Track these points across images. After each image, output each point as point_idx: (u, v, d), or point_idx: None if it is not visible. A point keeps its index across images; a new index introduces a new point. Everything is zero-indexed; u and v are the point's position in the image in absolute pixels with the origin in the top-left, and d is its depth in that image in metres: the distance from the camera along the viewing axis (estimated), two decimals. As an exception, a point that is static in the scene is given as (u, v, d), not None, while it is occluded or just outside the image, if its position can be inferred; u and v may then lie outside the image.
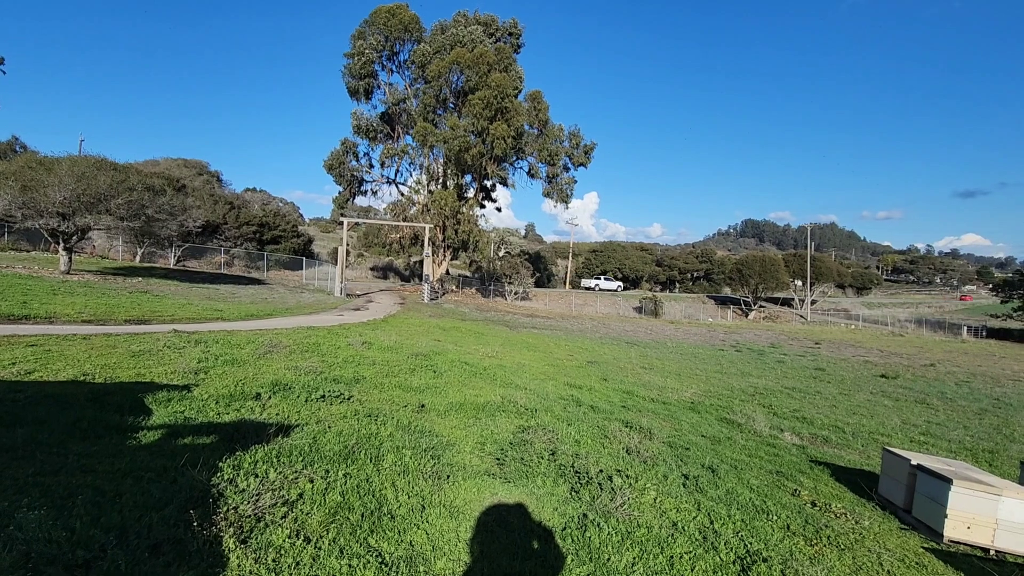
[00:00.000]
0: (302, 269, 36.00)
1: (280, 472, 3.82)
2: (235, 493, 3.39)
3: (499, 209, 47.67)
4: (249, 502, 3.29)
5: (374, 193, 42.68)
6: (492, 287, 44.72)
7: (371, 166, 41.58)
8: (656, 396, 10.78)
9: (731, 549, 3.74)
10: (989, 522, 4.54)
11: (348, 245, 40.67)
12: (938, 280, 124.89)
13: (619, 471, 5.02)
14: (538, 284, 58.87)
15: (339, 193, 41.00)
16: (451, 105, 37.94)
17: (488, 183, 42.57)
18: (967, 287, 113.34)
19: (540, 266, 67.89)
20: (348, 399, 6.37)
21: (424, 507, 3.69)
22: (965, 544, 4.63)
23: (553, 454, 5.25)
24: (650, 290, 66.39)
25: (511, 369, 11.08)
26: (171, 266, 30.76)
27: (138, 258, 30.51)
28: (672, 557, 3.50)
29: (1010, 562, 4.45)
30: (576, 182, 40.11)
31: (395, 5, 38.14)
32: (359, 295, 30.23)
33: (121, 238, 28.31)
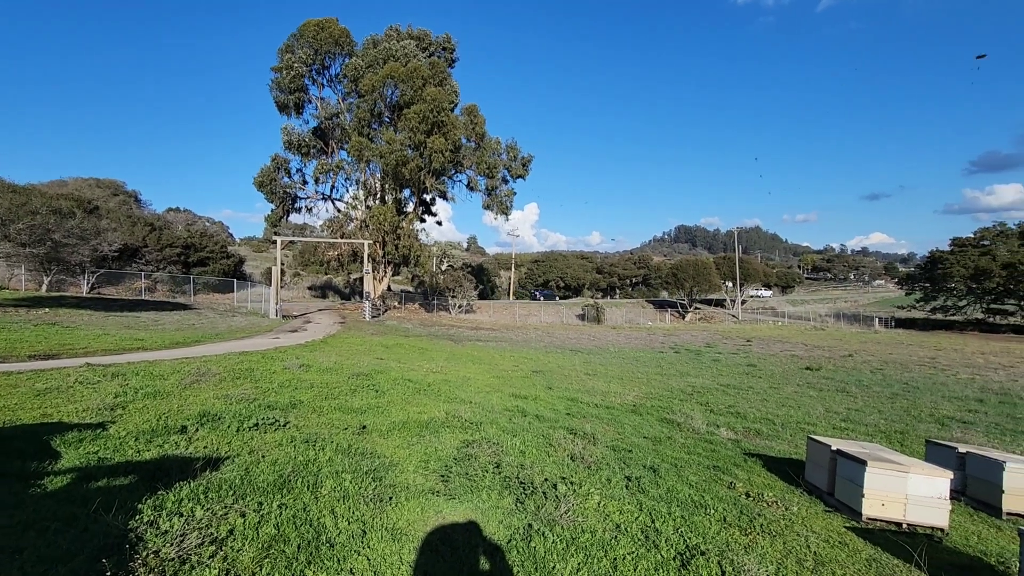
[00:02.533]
0: (233, 291, 34.30)
1: (208, 509, 3.60)
2: (156, 536, 3.16)
3: (440, 223, 47.42)
4: (173, 544, 3.08)
5: (309, 210, 41.35)
6: (436, 301, 44.26)
7: (305, 182, 40.31)
8: (600, 401, 11.00)
9: (671, 546, 3.86)
10: (900, 498, 4.93)
11: (283, 264, 39.13)
12: (852, 276, 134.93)
13: (563, 478, 5.08)
14: (482, 296, 58.89)
15: (271, 211, 39.39)
16: (386, 119, 37.51)
17: (427, 197, 42.27)
18: (877, 282, 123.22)
19: (483, 278, 68.02)
20: (284, 425, 6.10)
21: (365, 532, 3.58)
22: (881, 520, 5.00)
23: (498, 466, 5.24)
24: (592, 297, 67.89)
25: (456, 383, 10.98)
26: (84, 294, 28.43)
27: (44, 287, 28.00)
28: (616, 559, 3.56)
29: (919, 533, 4.85)
30: (515, 194, 40.55)
31: (325, 19, 37.44)
32: (296, 316, 29.10)
33: (24, 266, 25.93)
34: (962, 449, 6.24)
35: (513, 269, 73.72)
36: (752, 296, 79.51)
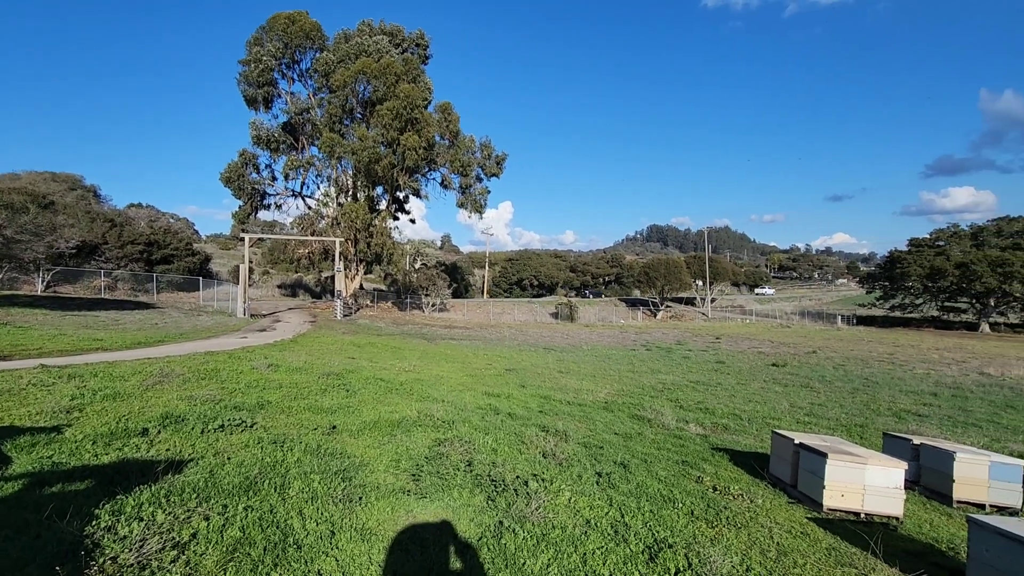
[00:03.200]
0: (199, 290, 33.35)
1: (170, 512, 3.50)
2: (114, 541, 3.06)
3: (413, 221, 47.13)
4: (132, 549, 2.99)
5: (278, 207, 40.52)
6: (409, 300, 43.91)
7: (274, 179, 39.48)
8: (572, 399, 11.09)
9: (640, 539, 3.93)
10: (858, 489, 5.11)
11: (251, 262, 38.28)
12: (816, 275, 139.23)
13: (535, 475, 5.11)
14: (456, 295, 58.70)
15: (239, 207, 38.45)
16: (358, 115, 37.01)
17: (401, 194, 41.92)
18: (840, 280, 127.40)
19: (457, 276, 67.80)
20: (251, 426, 5.97)
21: (334, 533, 3.54)
22: (841, 511, 5.18)
23: (470, 465, 5.24)
24: (565, 295, 68.32)
25: (428, 382, 10.93)
26: (39, 293, 27.26)
27: (-4, 285, 26.76)
28: (585, 554, 3.61)
29: (876, 522, 5.04)
30: (489, 192, 40.54)
31: (295, 12, 36.70)
32: (265, 315, 28.48)
33: (-27, 263, 24.70)
34: (916, 441, 6.51)
35: (487, 267, 73.67)
36: (759, 294, 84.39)
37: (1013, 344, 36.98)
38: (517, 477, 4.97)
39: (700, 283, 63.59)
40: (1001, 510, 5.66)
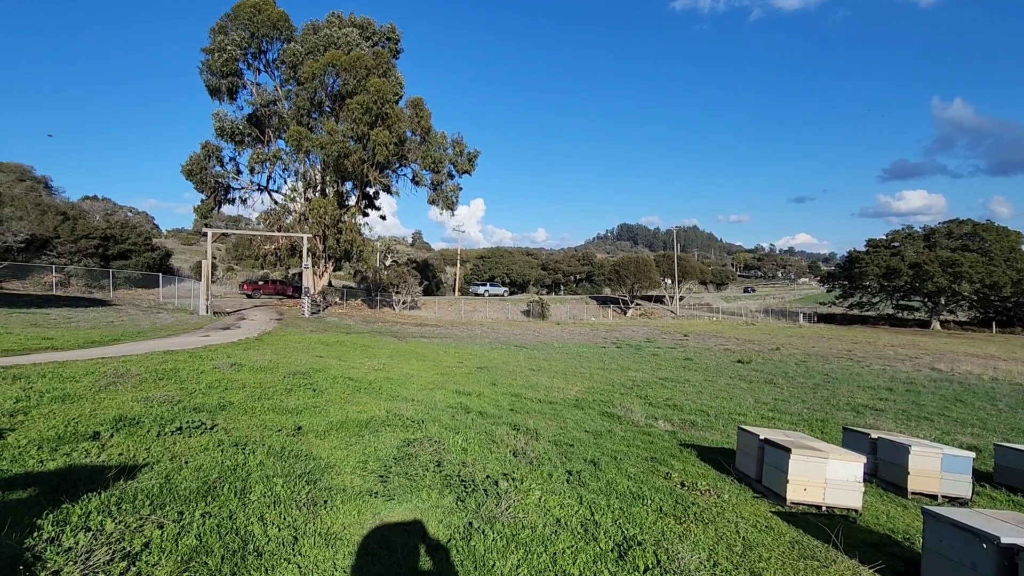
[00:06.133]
0: (159, 287, 32.10)
1: (120, 521, 3.32)
2: (58, 553, 2.88)
3: (383, 217, 46.73)
4: (77, 562, 2.82)
5: (243, 201, 39.40)
6: (379, 297, 43.32)
7: (239, 172, 38.33)
8: (543, 397, 11.09)
9: (610, 537, 3.93)
10: (820, 483, 5.25)
11: (215, 258, 37.14)
12: (780, 274, 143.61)
13: (505, 475, 5.07)
14: (427, 292, 58.21)
15: (202, 202, 37.17)
16: (327, 109, 36.26)
17: (371, 190, 41.26)
18: (802, 279, 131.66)
19: (428, 274, 67.27)
20: (211, 428, 5.75)
21: (297, 538, 3.42)
22: (803, 504, 5.30)
23: (439, 465, 5.17)
24: (537, 293, 68.54)
25: (398, 381, 10.77)
26: (-16, 289, 25.85)
27: (-64, 281, 25.26)
28: (555, 554, 3.58)
29: (837, 515, 5.18)
30: (461, 189, 40.29)
31: (261, 0, 35.64)
32: (229, 312, 27.65)
33: (-90, 257, 23.25)
34: (874, 435, 6.73)
35: (459, 265, 73.25)
36: (802, 283, 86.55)
37: (961, 341, 38.85)
38: (487, 477, 4.92)
39: (669, 281, 64.65)
40: (952, 500, 5.90)
